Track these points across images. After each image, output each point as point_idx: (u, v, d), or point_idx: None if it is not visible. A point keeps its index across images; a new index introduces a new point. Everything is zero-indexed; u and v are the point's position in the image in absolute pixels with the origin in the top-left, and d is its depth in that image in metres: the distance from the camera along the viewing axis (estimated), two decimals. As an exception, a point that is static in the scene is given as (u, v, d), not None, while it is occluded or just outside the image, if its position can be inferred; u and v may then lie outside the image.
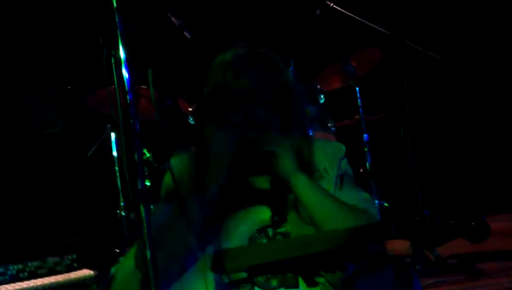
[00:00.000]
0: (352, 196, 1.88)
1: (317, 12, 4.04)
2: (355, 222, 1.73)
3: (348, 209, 1.79)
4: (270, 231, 1.83)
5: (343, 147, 1.99)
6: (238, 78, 1.84)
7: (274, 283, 1.78)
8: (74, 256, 3.01)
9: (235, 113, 1.81)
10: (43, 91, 5.13)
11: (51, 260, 2.96)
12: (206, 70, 1.94)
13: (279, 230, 1.84)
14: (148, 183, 1.34)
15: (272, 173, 1.89)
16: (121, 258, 1.87)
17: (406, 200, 3.70)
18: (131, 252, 1.64)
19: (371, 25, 3.82)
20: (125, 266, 1.76)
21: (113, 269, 1.94)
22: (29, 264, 2.91)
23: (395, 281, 1.59)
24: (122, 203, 4.08)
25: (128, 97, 1.23)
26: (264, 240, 1.82)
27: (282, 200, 1.86)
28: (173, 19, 3.85)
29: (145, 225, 1.21)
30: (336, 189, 1.88)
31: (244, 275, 1.76)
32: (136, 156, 1.26)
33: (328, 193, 1.81)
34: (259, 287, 1.78)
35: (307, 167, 1.85)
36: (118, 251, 3.83)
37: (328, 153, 1.95)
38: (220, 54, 1.93)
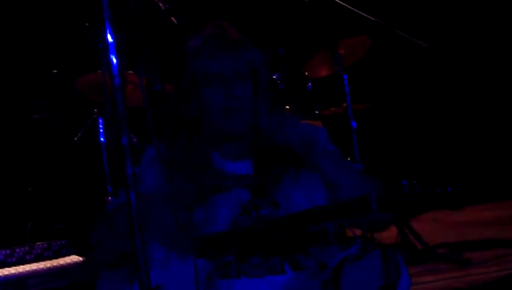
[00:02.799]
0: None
1: (306, 0, 4.03)
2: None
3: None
4: (251, 214, 1.85)
5: (323, 128, 2.04)
6: (209, 62, 1.91)
7: (260, 269, 1.78)
8: (62, 242, 3.00)
9: (216, 93, 1.91)
10: (30, 75, 5.09)
11: (39, 245, 2.95)
12: (182, 55, 1.98)
13: (261, 212, 1.85)
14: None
15: (251, 155, 1.91)
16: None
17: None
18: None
19: (359, 12, 3.81)
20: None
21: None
22: (17, 249, 2.90)
23: (383, 267, 1.59)
24: (109, 189, 4.07)
25: (115, 82, 1.22)
26: (247, 223, 1.83)
27: (261, 182, 1.88)
28: (160, 4, 3.82)
29: (132, 210, 1.21)
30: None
31: (229, 260, 1.77)
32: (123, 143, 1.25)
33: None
34: (244, 273, 1.78)
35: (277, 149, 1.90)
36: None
37: (309, 135, 1.98)
38: (192, 38, 1.97)
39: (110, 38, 1.24)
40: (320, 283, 1.66)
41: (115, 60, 1.23)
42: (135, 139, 4.07)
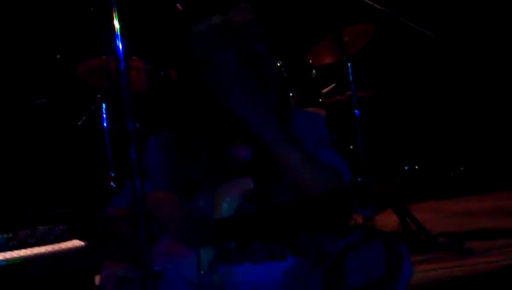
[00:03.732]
0: (328, 156, 1.91)
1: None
2: (332, 183, 1.76)
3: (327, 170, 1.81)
4: (255, 202, 1.85)
5: (323, 114, 2.02)
6: (211, 53, 1.86)
7: (261, 255, 1.79)
8: (65, 226, 3.00)
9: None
10: (33, 60, 5.09)
11: (41, 229, 2.96)
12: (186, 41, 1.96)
13: (264, 200, 1.85)
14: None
15: (254, 142, 1.91)
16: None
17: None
18: None
19: (365, 0, 3.80)
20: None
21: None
22: (19, 233, 2.91)
23: (385, 255, 1.60)
24: (112, 174, 4.08)
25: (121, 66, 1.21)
26: (250, 211, 1.84)
27: (264, 170, 1.88)
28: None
29: (137, 196, 1.21)
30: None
31: (231, 246, 1.77)
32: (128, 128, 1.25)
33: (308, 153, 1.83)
34: (247, 260, 1.79)
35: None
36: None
37: (309, 121, 1.98)
38: (197, 26, 1.95)
39: (116, 24, 1.23)
40: (322, 270, 1.66)
41: (120, 46, 1.22)
42: (138, 125, 4.07)
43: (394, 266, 1.60)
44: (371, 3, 3.62)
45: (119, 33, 1.27)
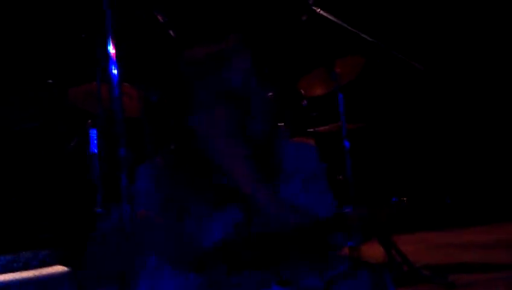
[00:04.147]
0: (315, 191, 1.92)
1: (303, 18, 4.04)
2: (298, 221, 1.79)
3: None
4: (243, 230, 1.85)
5: (314, 146, 2.03)
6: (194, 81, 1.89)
7: (248, 284, 1.78)
8: (48, 251, 2.98)
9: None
10: (23, 85, 5.09)
11: (24, 254, 2.93)
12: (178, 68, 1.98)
13: (252, 230, 1.85)
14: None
15: None
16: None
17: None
18: None
19: (356, 32, 3.83)
20: None
21: None
22: (2, 258, 2.88)
23: (371, 286, 1.60)
24: (99, 199, 4.05)
25: (114, 93, 1.22)
26: (239, 239, 1.84)
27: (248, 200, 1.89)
28: (159, 17, 3.84)
29: (128, 223, 1.20)
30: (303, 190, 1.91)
31: (221, 272, 1.77)
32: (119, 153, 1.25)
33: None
34: (233, 287, 1.78)
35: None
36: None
37: (300, 153, 1.99)
38: (186, 54, 1.97)
39: (111, 50, 1.24)
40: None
41: (115, 71, 1.23)
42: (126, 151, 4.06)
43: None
44: (363, 35, 3.66)
45: (113, 60, 1.28)
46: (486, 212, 5.91)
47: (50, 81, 4.86)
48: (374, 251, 4.29)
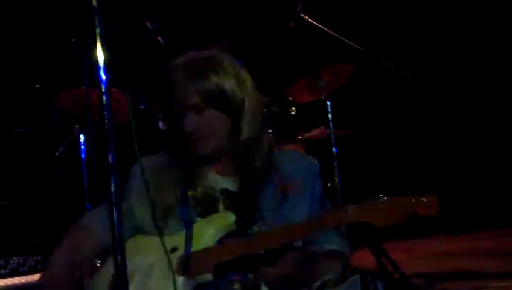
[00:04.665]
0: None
1: (292, 25, 4.06)
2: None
3: None
4: (235, 235, 1.84)
5: (317, 163, 2.01)
6: (172, 91, 1.91)
7: (236, 286, 1.78)
8: (39, 257, 2.96)
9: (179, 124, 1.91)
10: (12, 89, 5.07)
11: (14, 260, 2.91)
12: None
13: (243, 234, 1.85)
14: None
15: (238, 172, 1.91)
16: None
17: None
18: None
19: (345, 40, 3.85)
20: None
21: None
22: (-8, 264, 2.86)
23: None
24: (88, 205, 4.04)
25: (104, 98, 1.22)
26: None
27: (246, 204, 1.88)
28: (148, 23, 3.84)
29: (116, 228, 1.20)
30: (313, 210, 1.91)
31: (209, 277, 1.76)
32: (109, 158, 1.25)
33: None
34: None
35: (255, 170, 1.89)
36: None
37: (301, 167, 1.97)
38: (168, 65, 1.97)
39: (100, 55, 1.24)
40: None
41: (104, 77, 1.23)
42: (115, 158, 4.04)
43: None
44: (351, 43, 3.68)
45: (102, 65, 1.28)
46: (477, 221, 5.93)
47: (37, 86, 4.85)
48: (364, 259, 4.28)
